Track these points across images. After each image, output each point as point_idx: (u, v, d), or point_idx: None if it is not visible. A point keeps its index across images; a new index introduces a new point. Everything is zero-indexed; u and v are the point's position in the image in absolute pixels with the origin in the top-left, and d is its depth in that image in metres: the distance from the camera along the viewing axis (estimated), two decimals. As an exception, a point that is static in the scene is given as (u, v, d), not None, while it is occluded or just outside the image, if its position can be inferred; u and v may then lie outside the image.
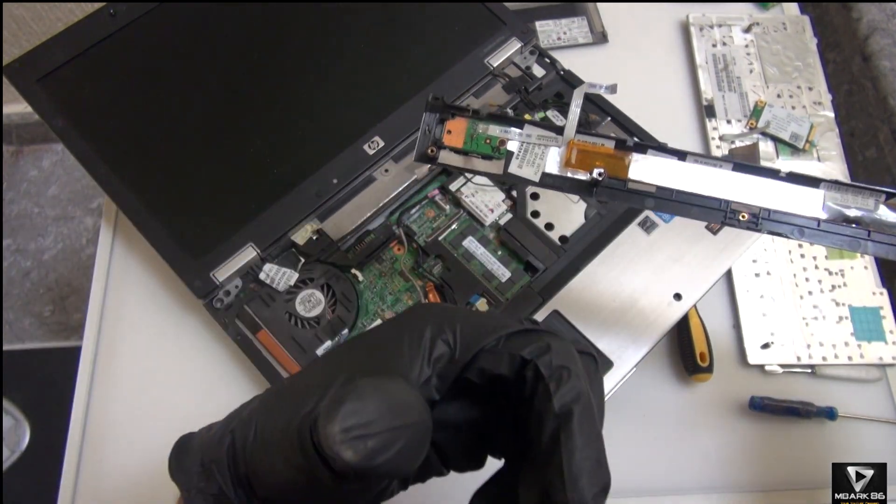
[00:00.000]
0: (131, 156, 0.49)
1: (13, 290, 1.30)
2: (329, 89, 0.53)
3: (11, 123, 1.40)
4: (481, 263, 0.48)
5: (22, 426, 1.13)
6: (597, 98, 0.53)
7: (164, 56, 0.53)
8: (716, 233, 0.47)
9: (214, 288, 0.46)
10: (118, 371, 0.49)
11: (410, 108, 0.52)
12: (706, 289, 0.46)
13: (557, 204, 0.49)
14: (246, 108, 0.52)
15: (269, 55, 0.53)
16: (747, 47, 0.61)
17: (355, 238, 0.49)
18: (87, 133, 0.49)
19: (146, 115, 0.51)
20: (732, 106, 0.59)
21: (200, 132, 0.51)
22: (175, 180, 0.49)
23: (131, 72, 0.52)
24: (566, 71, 0.55)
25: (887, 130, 0.70)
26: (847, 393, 0.49)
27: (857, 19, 0.74)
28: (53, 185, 1.41)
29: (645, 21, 0.63)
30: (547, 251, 0.47)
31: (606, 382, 0.43)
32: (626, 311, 0.45)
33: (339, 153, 0.50)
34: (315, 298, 0.47)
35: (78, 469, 0.47)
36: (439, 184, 0.51)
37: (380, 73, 0.54)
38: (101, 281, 0.52)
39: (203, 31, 0.54)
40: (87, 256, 1.32)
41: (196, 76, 0.52)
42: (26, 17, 1.15)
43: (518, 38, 0.54)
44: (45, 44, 0.51)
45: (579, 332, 0.44)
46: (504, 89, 0.54)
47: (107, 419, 0.48)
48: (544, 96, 0.54)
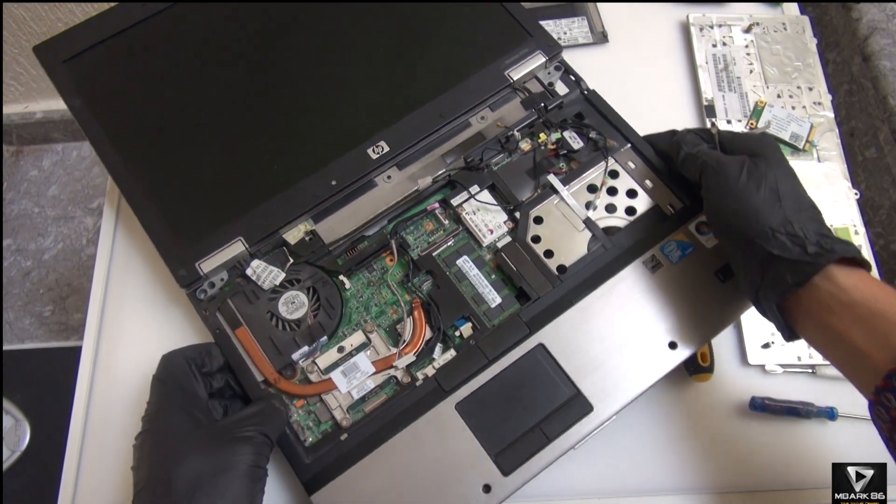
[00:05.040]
0: (138, 139, 0.50)
1: (13, 290, 1.30)
2: (338, 88, 0.52)
3: (11, 123, 1.40)
4: (473, 285, 0.46)
5: (22, 426, 1.13)
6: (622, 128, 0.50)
7: (181, 48, 0.54)
8: (724, 281, 0.45)
9: (199, 278, 0.46)
10: (118, 371, 0.49)
11: (421, 116, 0.50)
12: (705, 341, 0.44)
13: (561, 231, 0.48)
14: (254, 101, 0.52)
15: (281, 48, 0.53)
16: (747, 47, 0.61)
17: (348, 243, 0.48)
18: (100, 114, 0.51)
19: (157, 102, 0.52)
20: (732, 106, 0.59)
21: (207, 121, 0.51)
22: (175, 166, 0.50)
23: (149, 60, 0.53)
24: (591, 91, 0.53)
25: (887, 130, 0.70)
26: (847, 393, 0.49)
27: (857, 19, 0.74)
28: (53, 185, 1.41)
29: (645, 21, 0.63)
30: (542, 280, 0.45)
31: (582, 427, 0.41)
32: (616, 353, 0.43)
33: (342, 154, 0.49)
34: (299, 301, 0.46)
35: (78, 469, 0.47)
36: (441, 196, 0.50)
37: (393, 75, 0.52)
38: (101, 281, 0.52)
39: (222, 25, 0.54)
40: (87, 256, 1.33)
41: (210, 68, 0.53)
42: (26, 17, 1.15)
43: (543, 52, 0.52)
44: (74, 28, 0.53)
45: (562, 369, 0.43)
46: (522, 104, 0.52)
47: (107, 419, 0.48)
48: (564, 115, 0.52)
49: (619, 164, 0.50)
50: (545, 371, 0.43)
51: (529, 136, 0.51)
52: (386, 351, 0.45)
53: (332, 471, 0.41)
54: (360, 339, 0.45)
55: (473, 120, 0.52)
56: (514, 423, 0.41)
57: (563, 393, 0.42)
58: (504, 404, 0.42)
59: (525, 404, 0.42)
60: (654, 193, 0.49)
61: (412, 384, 0.43)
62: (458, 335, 0.45)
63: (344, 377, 0.44)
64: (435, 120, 0.50)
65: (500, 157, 0.51)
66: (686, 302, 0.44)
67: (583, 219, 0.48)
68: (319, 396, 0.44)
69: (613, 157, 0.50)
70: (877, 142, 0.73)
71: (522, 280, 0.45)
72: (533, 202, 0.48)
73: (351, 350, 0.45)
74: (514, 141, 0.51)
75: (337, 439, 0.42)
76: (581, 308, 0.44)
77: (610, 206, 0.48)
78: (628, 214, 0.48)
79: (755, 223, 0.39)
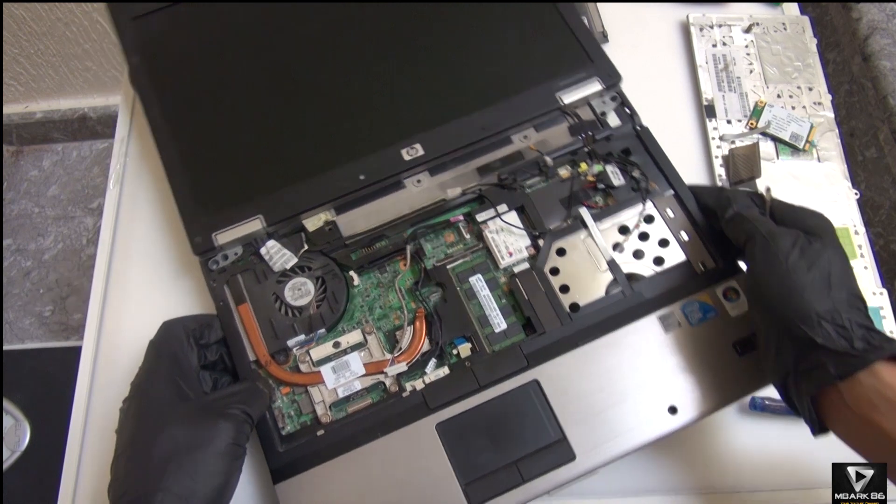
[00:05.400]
0: (184, 104, 0.52)
1: (13, 290, 1.30)
2: (385, 83, 0.51)
3: (11, 123, 1.40)
4: (481, 306, 0.45)
5: (22, 426, 1.13)
6: (669, 173, 0.48)
7: (243, 26, 0.55)
8: (742, 354, 0.42)
9: (213, 248, 0.46)
10: (118, 371, 0.49)
11: (462, 125, 0.49)
12: (708, 413, 0.41)
13: (582, 267, 0.46)
14: (299, 86, 0.52)
15: (338, 39, 0.54)
16: (747, 47, 0.61)
17: (366, 240, 0.47)
18: (155, 74, 0.53)
19: (210, 72, 0.54)
20: (732, 106, 0.59)
21: (251, 99, 0.52)
22: (213, 136, 0.51)
23: (210, 32, 0.55)
24: (644, 128, 0.50)
25: (887, 130, 0.70)
26: (847, 393, 0.49)
27: (857, 19, 0.74)
28: (53, 185, 1.41)
29: (645, 21, 0.63)
30: (552, 314, 0.44)
31: (563, 473, 0.40)
32: (611, 406, 0.41)
33: (375, 151, 0.49)
34: (305, 288, 0.46)
35: (78, 469, 0.47)
36: (468, 210, 0.48)
37: (442, 79, 0.51)
38: (101, 281, 0.52)
39: (286, 10, 0.55)
40: (87, 256, 1.33)
41: (264, 48, 0.54)
42: (26, 17, 1.15)
43: (601, 81, 0.51)
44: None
45: (552, 410, 0.41)
46: (570, 130, 0.50)
47: (107, 419, 0.48)
48: (611, 148, 0.49)
49: (658, 210, 0.47)
50: (535, 409, 0.41)
51: (570, 163, 0.50)
52: (380, 355, 0.44)
53: (301, 464, 0.41)
54: (357, 338, 0.45)
55: (515, 138, 0.50)
56: (492, 456, 0.40)
57: (548, 435, 0.41)
58: (486, 434, 0.41)
59: (507, 439, 0.41)
60: (688, 248, 0.46)
61: (399, 394, 0.43)
62: (456, 353, 0.44)
63: (333, 373, 0.44)
64: (476, 132, 0.49)
65: (535, 179, 0.49)
66: (697, 368, 0.42)
67: (607, 260, 0.46)
68: (306, 388, 0.43)
69: (653, 202, 0.48)
70: (877, 142, 0.73)
71: (532, 310, 0.44)
72: (560, 232, 0.47)
73: (346, 347, 0.45)
74: (553, 166, 0.49)
75: (313, 434, 0.42)
76: (585, 352, 0.43)
77: (638, 252, 0.46)
78: (656, 264, 0.46)
79: (800, 305, 0.37)
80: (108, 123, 1.41)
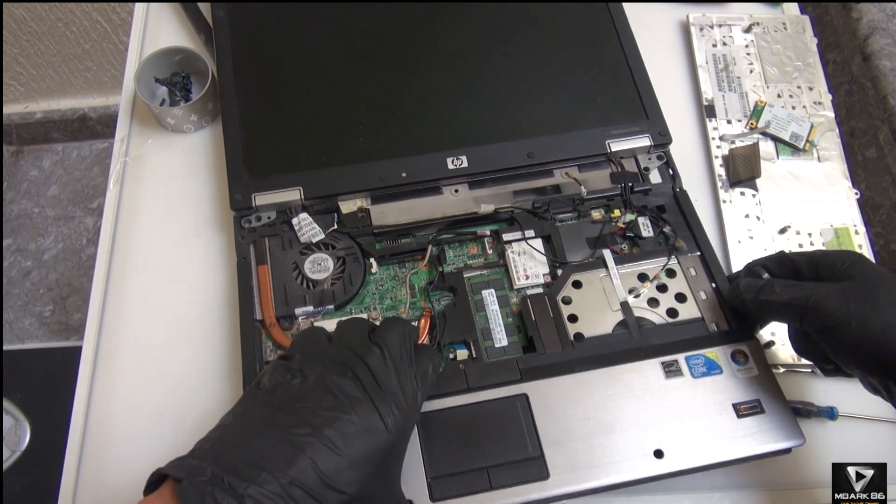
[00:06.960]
0: (256, 66, 0.55)
1: (13, 290, 1.30)
2: (449, 91, 0.54)
3: (11, 123, 1.40)
4: (487, 319, 0.45)
5: (22, 426, 1.13)
6: (699, 236, 0.49)
7: (332, 4, 0.57)
8: (741, 416, 0.41)
9: (249, 208, 0.49)
10: (118, 371, 0.49)
11: (511, 147, 0.51)
12: (697, 467, 0.40)
13: (594, 302, 0.46)
14: (368, 74, 0.54)
15: (416, 37, 0.56)
16: (747, 47, 0.61)
17: (393, 234, 0.49)
18: (235, 31, 0.56)
19: (287, 42, 0.56)
20: (733, 106, 0.59)
21: (321, 77, 0.54)
22: (275, 104, 0.53)
23: (298, 4, 0.57)
24: (682, 191, 0.51)
25: (887, 130, 0.70)
26: (847, 393, 0.49)
27: (857, 19, 0.74)
28: (53, 185, 1.41)
29: (645, 21, 0.63)
30: (555, 339, 0.44)
31: (530, 490, 0.39)
32: (595, 437, 0.40)
33: (422, 153, 0.51)
34: (325, 265, 0.48)
35: (78, 469, 0.46)
36: (496, 227, 0.50)
37: (503, 100, 0.54)
38: (101, 281, 0.52)
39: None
40: (87, 256, 1.33)
41: (346, 31, 0.56)
42: (26, 17, 1.15)
43: (651, 138, 0.52)
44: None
45: (535, 427, 0.40)
46: (611, 177, 0.52)
47: (107, 419, 0.48)
48: (647, 202, 0.51)
49: (681, 267, 0.48)
50: (518, 421, 0.41)
51: (604, 207, 0.51)
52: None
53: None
54: (362, 320, 0.46)
55: (558, 172, 0.52)
56: (465, 457, 0.40)
57: (526, 450, 0.40)
58: (464, 435, 0.40)
59: (484, 444, 0.40)
60: (704, 306, 0.46)
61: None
62: (452, 356, 0.44)
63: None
64: (522, 157, 0.51)
65: (566, 214, 0.51)
66: (691, 420, 0.41)
67: (621, 300, 0.46)
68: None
69: (678, 258, 0.48)
70: (877, 142, 0.73)
71: (536, 330, 0.44)
72: (580, 267, 0.48)
73: (349, 327, 0.46)
74: (585, 198, 0.50)
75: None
76: (580, 379, 0.42)
77: (653, 301, 0.46)
78: (669, 315, 0.46)
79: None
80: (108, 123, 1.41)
